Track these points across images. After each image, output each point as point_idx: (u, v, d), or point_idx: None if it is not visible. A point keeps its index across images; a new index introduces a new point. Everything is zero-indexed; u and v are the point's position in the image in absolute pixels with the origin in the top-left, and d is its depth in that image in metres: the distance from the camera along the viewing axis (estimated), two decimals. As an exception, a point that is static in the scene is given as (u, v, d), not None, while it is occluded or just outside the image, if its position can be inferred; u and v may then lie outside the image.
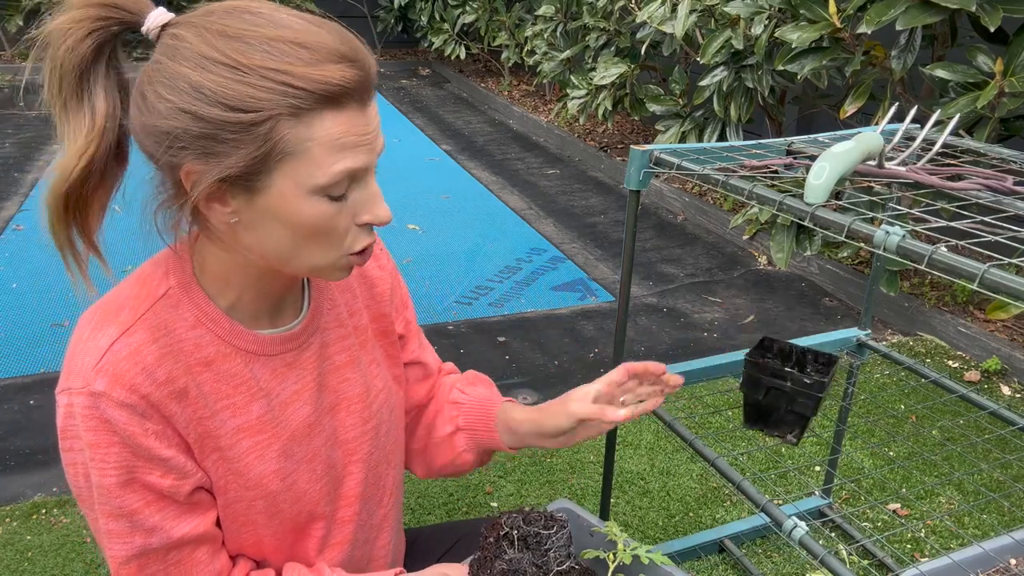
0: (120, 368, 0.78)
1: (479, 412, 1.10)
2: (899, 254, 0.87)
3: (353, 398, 0.98)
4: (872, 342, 1.69)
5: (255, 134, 0.70)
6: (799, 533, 1.07)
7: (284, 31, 0.71)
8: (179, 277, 0.84)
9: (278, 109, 0.70)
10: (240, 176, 0.73)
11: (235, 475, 0.87)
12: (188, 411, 0.83)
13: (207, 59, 0.69)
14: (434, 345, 2.78)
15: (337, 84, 0.71)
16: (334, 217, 0.76)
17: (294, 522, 0.93)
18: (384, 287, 1.05)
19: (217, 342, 0.85)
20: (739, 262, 3.63)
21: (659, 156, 1.22)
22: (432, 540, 1.23)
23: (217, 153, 0.71)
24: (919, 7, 2.27)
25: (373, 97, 0.76)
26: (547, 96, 6.56)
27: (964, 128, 2.50)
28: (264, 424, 0.89)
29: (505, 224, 4.06)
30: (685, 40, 3.61)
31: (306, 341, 0.93)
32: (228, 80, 0.69)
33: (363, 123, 0.74)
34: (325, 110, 0.72)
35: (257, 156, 0.71)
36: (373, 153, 0.77)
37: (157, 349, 0.80)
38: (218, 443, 0.86)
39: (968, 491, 2.09)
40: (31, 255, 3.37)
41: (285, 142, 0.71)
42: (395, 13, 7.82)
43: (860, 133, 1.07)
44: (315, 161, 0.73)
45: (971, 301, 2.98)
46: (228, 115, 0.70)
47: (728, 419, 2.39)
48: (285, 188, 0.74)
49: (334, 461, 0.96)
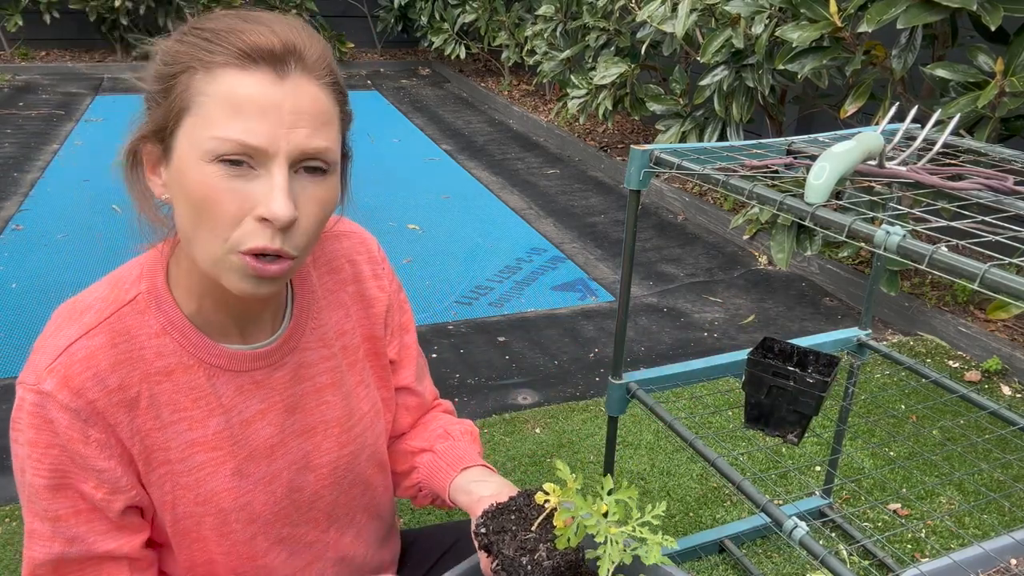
0: (72, 371, 0.78)
1: (443, 467, 1.04)
2: (899, 254, 0.87)
3: (331, 422, 0.95)
4: (872, 342, 1.69)
5: (169, 87, 0.73)
6: (799, 533, 1.07)
7: (247, 15, 0.75)
8: (150, 282, 0.83)
9: (191, 62, 0.72)
10: (156, 133, 0.75)
11: (184, 489, 0.86)
12: (137, 421, 0.82)
13: (172, 34, 0.76)
14: (434, 345, 2.79)
15: (248, 43, 0.71)
16: (221, 193, 0.71)
17: (248, 544, 0.91)
18: (380, 308, 1.01)
19: (180, 352, 0.83)
20: (739, 262, 3.63)
21: (659, 156, 1.22)
22: (431, 541, 1.23)
23: (149, 113, 0.76)
24: (920, 6, 2.27)
25: (297, 74, 0.72)
26: (547, 96, 6.56)
27: (965, 128, 2.50)
28: (220, 440, 0.86)
29: (505, 224, 4.06)
30: (685, 39, 3.61)
31: (279, 360, 0.90)
32: (173, 42, 0.75)
33: (272, 94, 0.71)
34: (229, 68, 0.71)
35: (166, 109, 0.73)
36: (284, 139, 0.71)
37: (114, 355, 0.80)
38: (168, 456, 0.84)
39: (968, 491, 2.09)
40: (31, 255, 3.37)
41: (187, 96, 0.72)
42: (395, 13, 7.82)
43: (860, 133, 1.07)
44: (209, 118, 0.71)
45: (971, 301, 2.98)
46: (160, 68, 0.74)
47: (728, 419, 2.39)
48: (183, 148, 0.73)
49: (301, 484, 0.93)
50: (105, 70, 7.21)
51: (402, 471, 1.09)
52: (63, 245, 3.47)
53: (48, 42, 7.47)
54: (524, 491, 0.88)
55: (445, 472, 1.02)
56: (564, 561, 0.81)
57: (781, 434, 1.29)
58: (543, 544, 0.82)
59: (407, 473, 1.08)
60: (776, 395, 1.26)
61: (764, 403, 1.28)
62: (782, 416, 1.27)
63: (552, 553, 0.81)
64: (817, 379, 1.22)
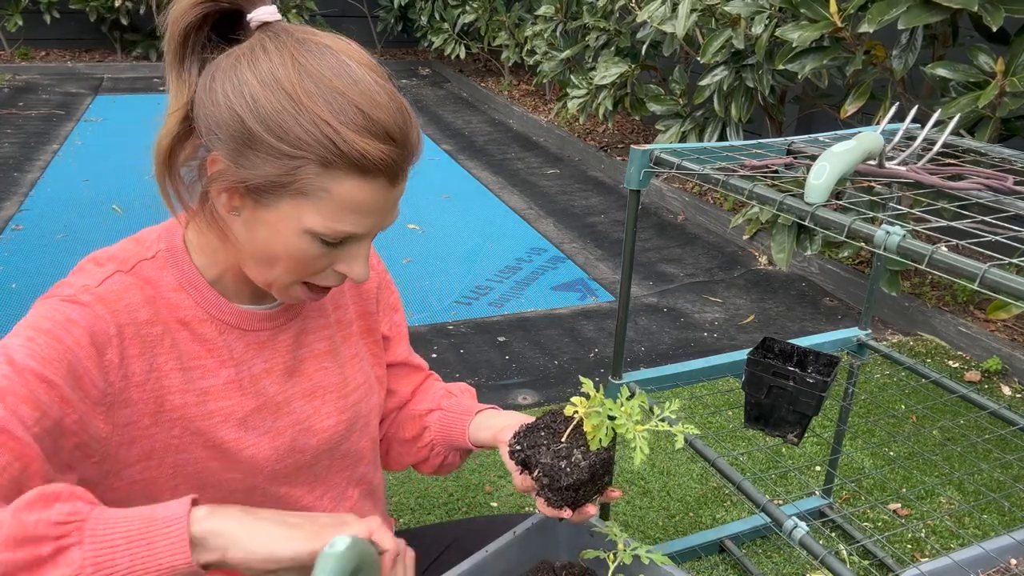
0: (110, 295, 0.82)
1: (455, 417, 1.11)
2: (899, 254, 0.87)
3: (329, 387, 1.00)
4: (872, 342, 1.69)
5: (283, 163, 0.76)
6: (799, 533, 1.07)
7: (351, 88, 0.75)
8: (169, 243, 0.89)
9: (312, 155, 0.75)
10: (254, 188, 0.78)
11: (193, 435, 0.88)
12: (158, 360, 0.85)
13: (276, 81, 0.75)
14: (434, 345, 2.79)
15: (372, 160, 0.76)
16: (316, 259, 0.82)
17: (246, 496, 0.93)
18: (371, 285, 1.08)
19: (195, 307, 0.88)
20: (739, 262, 3.63)
21: (659, 156, 1.22)
22: (430, 540, 1.23)
23: (244, 160, 0.77)
24: (920, 6, 2.27)
25: (405, 177, 0.82)
26: (547, 96, 6.56)
27: (965, 128, 2.50)
28: (230, 391, 0.90)
29: (505, 224, 4.06)
30: (685, 40, 3.61)
31: (284, 324, 0.95)
32: (282, 109, 0.74)
33: (383, 198, 0.80)
34: (352, 174, 0.76)
35: (276, 181, 0.77)
36: (380, 226, 0.82)
37: (143, 294, 0.85)
38: (184, 399, 0.87)
39: (968, 491, 2.09)
40: (31, 255, 3.37)
41: (305, 183, 0.76)
42: (395, 13, 7.82)
43: (860, 133, 1.07)
44: (323, 211, 0.78)
45: (971, 301, 2.97)
46: (268, 137, 0.75)
47: (728, 419, 2.39)
48: (287, 216, 0.79)
49: (303, 446, 0.97)
50: (105, 70, 7.21)
51: (411, 436, 1.14)
52: (63, 245, 3.47)
53: (48, 42, 7.46)
54: (549, 411, 0.98)
55: (459, 420, 1.09)
56: (599, 459, 0.91)
57: (781, 434, 1.29)
58: (577, 449, 0.91)
59: (418, 435, 1.13)
60: (776, 395, 1.26)
61: (764, 403, 1.28)
62: (782, 416, 1.27)
63: (587, 454, 0.91)
64: (817, 379, 1.22)
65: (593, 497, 0.95)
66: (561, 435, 0.93)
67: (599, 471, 0.92)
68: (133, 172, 4.48)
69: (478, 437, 1.06)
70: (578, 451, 0.91)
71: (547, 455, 0.91)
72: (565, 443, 0.92)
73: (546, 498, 0.92)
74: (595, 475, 0.91)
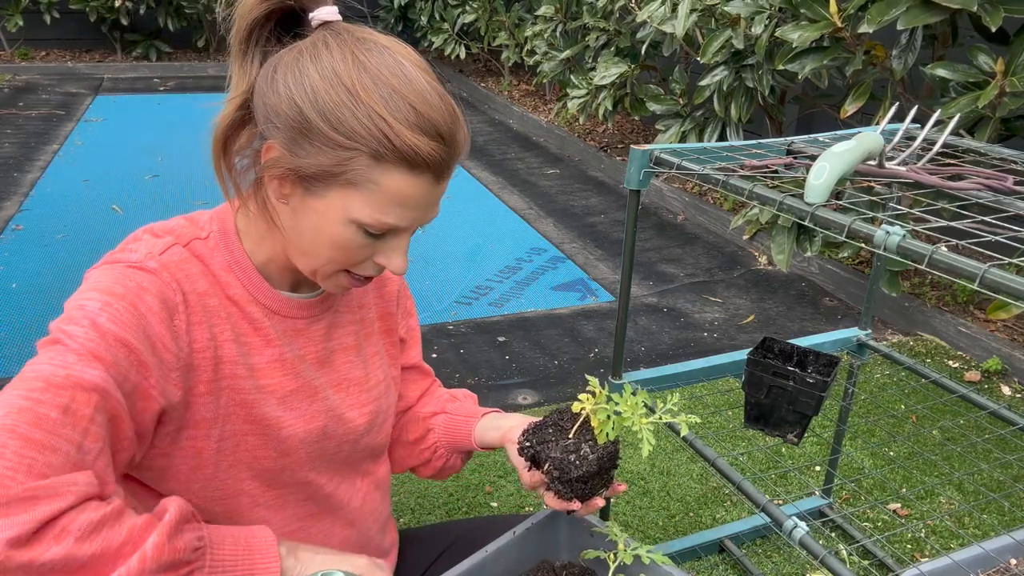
0: (172, 264, 0.86)
1: (460, 419, 1.15)
2: (899, 254, 0.87)
3: (354, 380, 1.03)
4: (872, 342, 1.69)
5: (337, 154, 0.79)
6: (799, 533, 1.07)
7: (406, 87, 0.79)
8: (220, 225, 0.92)
9: (365, 147, 0.78)
10: (306, 177, 0.81)
11: (239, 406, 0.91)
12: (216, 329, 0.88)
13: (336, 76, 0.78)
14: (434, 345, 2.79)
15: (421, 155, 0.79)
16: (359, 248, 0.85)
17: (276, 475, 0.96)
18: (392, 288, 1.11)
19: (242, 289, 0.92)
20: (739, 262, 3.63)
21: (659, 156, 1.22)
22: (429, 540, 1.23)
23: (299, 149, 0.80)
24: (920, 7, 2.27)
25: (450, 175, 0.85)
26: (547, 96, 6.56)
27: (965, 128, 2.50)
28: (273, 369, 0.94)
29: (505, 224, 4.06)
30: (685, 40, 3.61)
31: (319, 315, 0.99)
32: (340, 103, 0.78)
33: (428, 193, 0.83)
34: (401, 168, 0.80)
35: (328, 170, 0.80)
36: (422, 220, 0.86)
37: (200, 268, 0.89)
38: (235, 370, 0.90)
39: (968, 491, 2.09)
40: (31, 255, 3.36)
41: (356, 173, 0.80)
42: (395, 13, 7.82)
43: (860, 133, 1.07)
44: (371, 202, 0.81)
45: (971, 301, 2.98)
46: (324, 127, 0.78)
47: (728, 419, 2.39)
48: (335, 205, 0.82)
49: (333, 433, 1.00)
50: (105, 70, 7.21)
51: (415, 438, 1.17)
52: (63, 245, 3.47)
53: (48, 42, 7.46)
54: (555, 410, 1.02)
55: (464, 423, 1.13)
56: (606, 453, 0.95)
57: (781, 434, 1.29)
58: (584, 443, 0.96)
59: (422, 437, 1.16)
60: (776, 395, 1.26)
61: (764, 403, 1.28)
62: (782, 416, 1.27)
63: (595, 448, 0.95)
64: (817, 379, 1.22)
65: (600, 490, 0.99)
66: (568, 432, 0.98)
67: (606, 464, 0.96)
68: (133, 172, 4.49)
69: (485, 438, 1.10)
70: (586, 445, 0.96)
71: (556, 450, 0.96)
72: (573, 438, 0.97)
73: (556, 491, 0.97)
74: (603, 468, 0.96)
